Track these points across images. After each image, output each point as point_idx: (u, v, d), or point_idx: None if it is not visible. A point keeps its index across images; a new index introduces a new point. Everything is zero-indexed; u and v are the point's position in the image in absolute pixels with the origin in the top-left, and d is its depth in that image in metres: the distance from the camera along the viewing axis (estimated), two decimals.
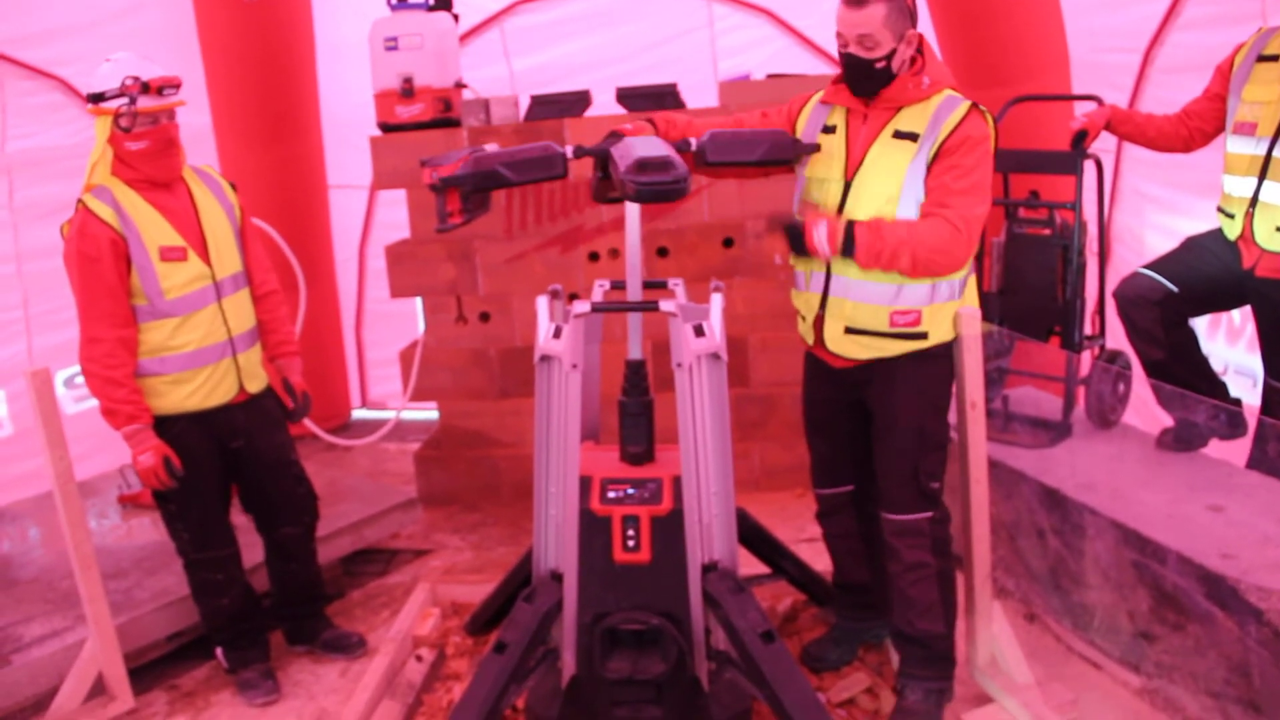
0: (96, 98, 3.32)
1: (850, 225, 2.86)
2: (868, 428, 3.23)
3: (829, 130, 3.09)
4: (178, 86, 3.36)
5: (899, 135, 2.93)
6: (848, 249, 2.86)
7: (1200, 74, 3.79)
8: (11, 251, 5.56)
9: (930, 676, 3.20)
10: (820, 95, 3.15)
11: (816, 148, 3.09)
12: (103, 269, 3.28)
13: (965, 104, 2.91)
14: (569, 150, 2.94)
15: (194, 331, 3.43)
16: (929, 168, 2.89)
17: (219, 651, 3.75)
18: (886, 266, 2.87)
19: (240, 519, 3.79)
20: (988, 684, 3.31)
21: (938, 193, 2.88)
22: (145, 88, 3.27)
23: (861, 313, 3.03)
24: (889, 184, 2.93)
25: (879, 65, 2.88)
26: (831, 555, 3.59)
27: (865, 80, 2.93)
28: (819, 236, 2.87)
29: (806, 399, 3.40)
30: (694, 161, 3.01)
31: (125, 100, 3.26)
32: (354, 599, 4.46)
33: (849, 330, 3.07)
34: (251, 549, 3.84)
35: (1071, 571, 3.56)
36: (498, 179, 2.88)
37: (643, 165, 2.55)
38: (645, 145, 2.69)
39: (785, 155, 3.09)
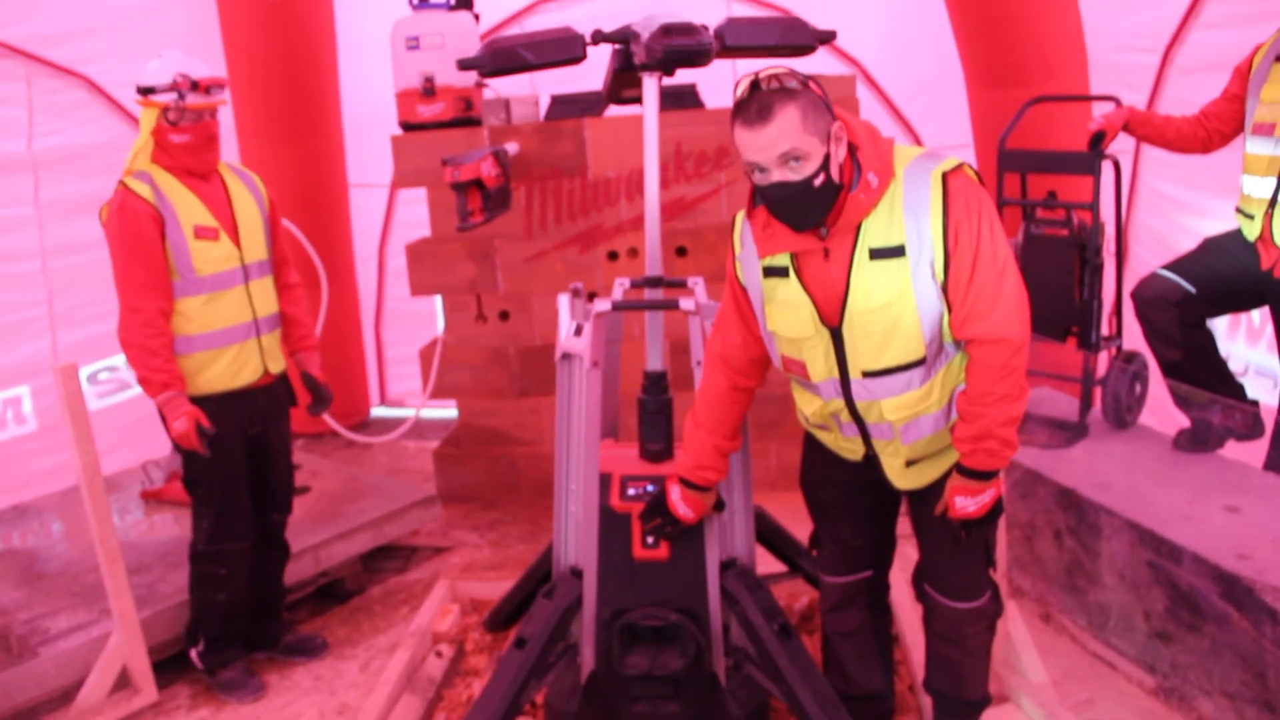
0: (146, 90, 3.43)
1: (970, 471, 2.46)
2: (891, 502, 2.88)
3: (776, 273, 2.48)
4: (224, 87, 3.52)
5: (877, 254, 2.35)
6: (990, 475, 2.48)
7: (1220, 74, 3.78)
8: (37, 248, 5.63)
9: None
10: (740, 222, 2.57)
11: (833, 34, 2.92)
12: (142, 242, 3.39)
13: (933, 177, 2.34)
14: (588, 35, 2.91)
15: (221, 310, 3.53)
16: (944, 279, 2.35)
17: (194, 653, 3.76)
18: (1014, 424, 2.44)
19: None
20: (1004, 683, 3.32)
21: (975, 302, 2.35)
22: (194, 85, 3.42)
23: (919, 446, 2.60)
24: (893, 318, 2.38)
25: (818, 183, 2.26)
26: (837, 661, 3.03)
27: (809, 208, 2.31)
28: (966, 506, 2.52)
29: (813, 481, 2.93)
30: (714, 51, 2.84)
31: (175, 96, 3.40)
32: (374, 595, 4.50)
33: (911, 463, 2.65)
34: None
35: (1087, 571, 3.57)
36: (517, 59, 2.88)
37: (668, 30, 2.62)
38: (667, 15, 2.74)
39: (801, 40, 2.95)
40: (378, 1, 6.08)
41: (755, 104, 2.23)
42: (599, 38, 2.88)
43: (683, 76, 5.11)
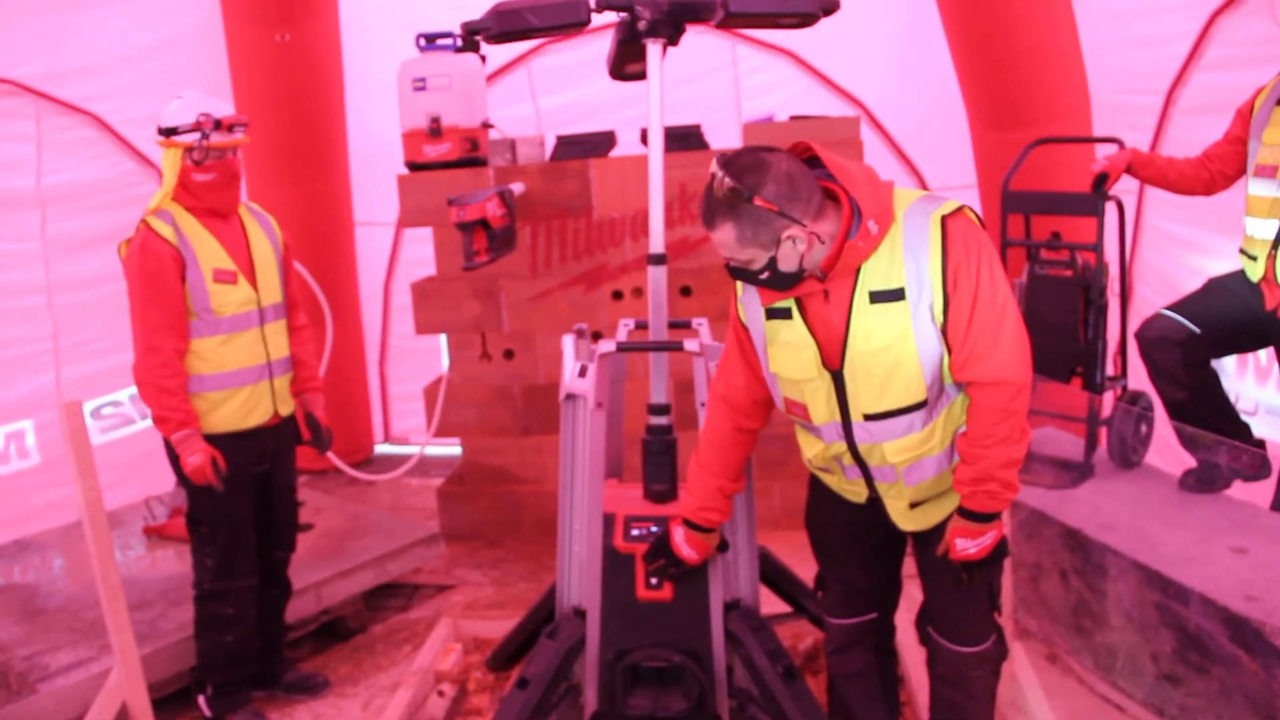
0: (169, 132, 3.46)
1: (971, 513, 2.45)
2: (896, 544, 2.84)
3: (779, 315, 2.49)
4: (246, 125, 3.55)
5: (877, 298, 2.35)
6: (990, 517, 2.46)
7: (1223, 115, 3.81)
8: (42, 283, 5.64)
9: None
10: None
11: (836, 4, 2.86)
12: (162, 282, 3.41)
13: (932, 220, 2.33)
14: (593, 1, 2.90)
15: (236, 352, 3.54)
16: (944, 321, 2.34)
17: (202, 699, 3.72)
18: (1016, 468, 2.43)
19: None
20: None
21: (974, 345, 2.33)
22: (217, 124, 3.45)
23: (923, 488, 2.57)
24: (894, 360, 2.37)
25: (764, 276, 2.35)
26: (842, 703, 2.98)
27: (765, 286, 2.40)
28: (966, 548, 2.50)
29: (818, 523, 2.88)
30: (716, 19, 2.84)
31: (198, 135, 3.43)
32: (376, 633, 4.47)
33: (915, 505, 2.62)
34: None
35: (1094, 612, 3.55)
36: (521, 21, 2.89)
37: None
38: None
39: (804, 8, 2.89)
40: (385, 43, 6.14)
41: (706, 202, 2.31)
42: (603, 4, 2.89)
43: (687, 118, 5.20)
